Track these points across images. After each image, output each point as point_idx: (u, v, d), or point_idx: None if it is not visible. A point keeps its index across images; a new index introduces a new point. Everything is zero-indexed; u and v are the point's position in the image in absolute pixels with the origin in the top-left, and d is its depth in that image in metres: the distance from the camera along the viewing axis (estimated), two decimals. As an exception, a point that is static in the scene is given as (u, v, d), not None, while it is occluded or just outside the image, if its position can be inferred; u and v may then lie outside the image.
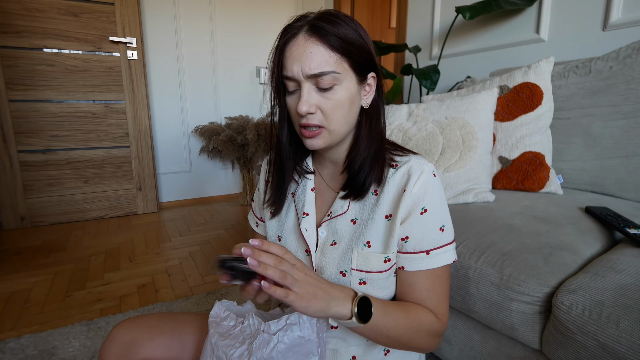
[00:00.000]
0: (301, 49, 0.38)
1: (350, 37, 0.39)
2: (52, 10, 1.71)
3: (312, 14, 0.40)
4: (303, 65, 0.38)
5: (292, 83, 0.41)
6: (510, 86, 0.93)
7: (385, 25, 3.06)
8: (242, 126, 2.07)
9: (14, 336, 0.91)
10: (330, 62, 0.38)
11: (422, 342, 0.42)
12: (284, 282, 0.33)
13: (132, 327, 0.47)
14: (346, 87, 0.40)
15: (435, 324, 0.42)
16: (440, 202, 0.43)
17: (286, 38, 0.40)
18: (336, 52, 0.39)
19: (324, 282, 0.37)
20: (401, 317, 0.40)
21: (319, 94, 0.40)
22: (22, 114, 1.72)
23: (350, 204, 0.45)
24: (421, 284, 0.43)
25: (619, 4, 1.01)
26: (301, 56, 0.38)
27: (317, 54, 0.38)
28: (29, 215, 1.79)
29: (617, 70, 0.81)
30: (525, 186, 0.85)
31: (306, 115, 0.40)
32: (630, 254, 0.50)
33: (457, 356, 0.66)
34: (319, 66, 0.38)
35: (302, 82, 0.39)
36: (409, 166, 0.43)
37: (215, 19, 2.20)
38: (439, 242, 0.42)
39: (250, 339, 0.39)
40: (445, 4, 1.57)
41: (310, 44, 0.38)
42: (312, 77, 0.38)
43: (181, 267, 1.34)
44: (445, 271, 0.43)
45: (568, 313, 0.43)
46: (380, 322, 0.38)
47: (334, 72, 0.38)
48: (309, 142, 0.42)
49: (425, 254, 0.42)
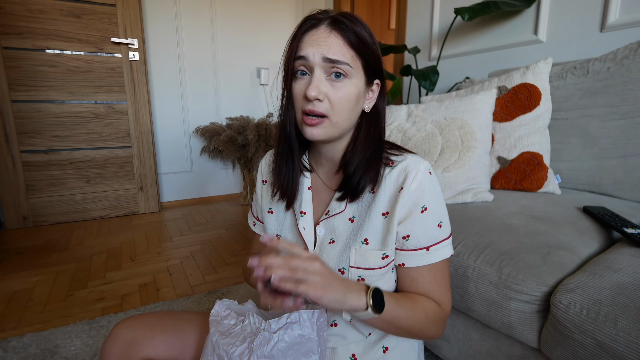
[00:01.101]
0: (322, 37, 0.40)
1: (366, 39, 0.41)
2: (54, 12, 1.72)
3: (332, 11, 0.42)
4: (322, 49, 0.39)
5: (303, 66, 0.41)
6: (508, 87, 0.93)
7: (384, 26, 3.06)
8: (243, 127, 2.08)
9: (16, 335, 0.91)
10: (347, 55, 0.40)
11: (430, 330, 0.43)
12: (295, 276, 0.34)
13: (134, 325, 0.48)
14: (355, 84, 0.41)
15: (440, 312, 0.44)
16: (438, 199, 0.44)
17: (307, 26, 0.41)
18: (353, 49, 0.40)
19: (336, 275, 0.38)
20: (410, 308, 0.41)
21: (329, 83, 0.40)
22: (24, 114, 1.73)
23: (347, 203, 0.46)
24: (423, 278, 0.44)
25: (616, 5, 1.01)
26: (321, 42, 0.39)
27: (337, 45, 0.39)
28: (31, 215, 1.80)
29: (615, 71, 0.81)
30: (524, 186, 0.85)
31: (313, 101, 0.40)
32: (627, 253, 0.51)
33: (456, 355, 0.66)
34: (336, 54, 0.39)
35: (315, 67, 0.40)
36: (405, 164, 0.44)
37: (216, 20, 2.21)
38: (437, 238, 0.44)
39: (251, 338, 0.39)
40: (444, 5, 1.58)
41: (332, 36, 0.39)
42: (328, 61, 0.39)
43: (182, 267, 1.35)
44: (445, 263, 0.45)
45: (566, 312, 0.43)
46: (392, 313, 0.39)
47: (348, 65, 0.40)
48: (309, 131, 0.41)
49: (426, 250, 0.43)
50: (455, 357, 0.67)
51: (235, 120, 2.20)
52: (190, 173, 2.28)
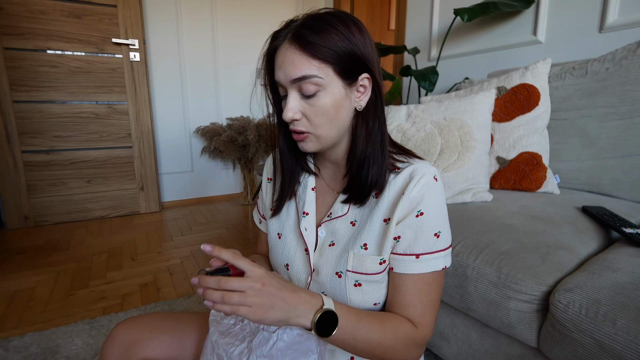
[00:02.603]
0: (282, 56, 0.39)
1: (334, 44, 0.38)
2: (55, 13, 1.72)
3: (299, 18, 0.40)
4: (287, 72, 0.39)
5: (281, 88, 0.42)
6: (507, 87, 0.93)
7: (384, 27, 3.07)
8: (243, 127, 2.08)
9: (17, 334, 0.92)
10: (312, 67, 0.38)
11: (398, 353, 0.40)
12: (230, 302, 0.32)
13: (133, 326, 0.48)
14: (330, 92, 0.40)
15: (413, 335, 0.40)
16: (439, 206, 0.42)
17: (274, 44, 0.41)
18: (317, 60, 0.38)
19: (287, 290, 0.36)
20: (374, 330, 0.39)
21: (304, 101, 0.40)
22: (26, 114, 1.74)
23: (350, 207, 0.45)
24: (407, 288, 0.41)
25: (615, 6, 1.01)
26: (283, 63, 0.39)
27: (298, 62, 0.38)
28: (33, 214, 1.81)
29: (613, 71, 0.81)
30: (523, 186, 0.85)
31: (292, 121, 0.41)
32: (626, 253, 0.51)
33: (456, 354, 0.67)
34: (300, 70, 0.38)
35: (288, 89, 0.40)
36: (412, 169, 0.43)
37: (217, 20, 2.21)
38: (431, 248, 0.41)
39: (250, 337, 0.39)
40: (443, 6, 1.58)
41: (290, 52, 0.38)
42: (295, 81, 0.39)
43: (183, 266, 1.35)
44: (435, 280, 0.42)
45: (565, 311, 0.44)
46: (348, 335, 0.37)
47: (316, 77, 0.38)
48: (300, 145, 0.43)
49: (415, 258, 0.41)
50: (455, 357, 0.67)
51: (235, 120, 2.20)
52: (191, 173, 2.28)
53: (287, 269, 0.49)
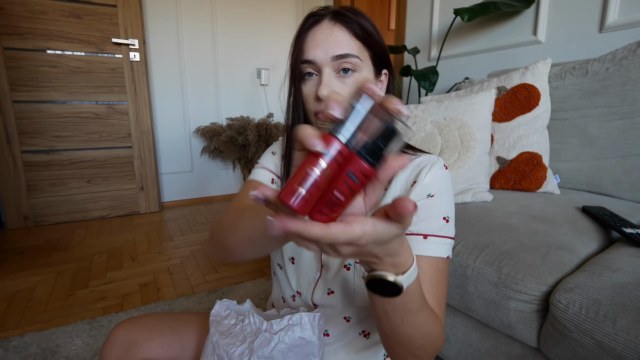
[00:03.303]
0: (326, 32, 0.39)
1: (370, 30, 0.41)
2: (55, 13, 1.72)
3: (332, 7, 0.42)
4: (328, 49, 0.39)
5: (310, 68, 0.40)
6: (507, 87, 0.93)
7: (384, 27, 3.07)
8: (243, 127, 2.08)
9: (17, 334, 0.92)
10: (355, 47, 0.39)
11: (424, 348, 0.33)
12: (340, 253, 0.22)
13: (132, 327, 0.48)
14: (364, 76, 0.41)
15: (439, 331, 0.34)
16: (448, 192, 0.42)
17: (309, 24, 0.41)
18: (359, 40, 0.40)
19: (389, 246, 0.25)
20: (428, 311, 0.32)
21: (339, 80, 0.40)
22: (25, 114, 1.74)
23: None
24: (423, 272, 0.38)
25: (615, 6, 1.01)
26: (326, 40, 0.39)
27: (343, 38, 0.39)
28: (33, 214, 1.81)
29: (614, 71, 0.81)
30: (523, 186, 0.85)
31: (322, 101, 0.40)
32: (626, 253, 0.51)
33: (456, 354, 0.67)
34: (345, 48, 0.39)
35: (323, 67, 0.39)
36: (419, 161, 0.43)
37: (217, 20, 2.21)
38: (439, 231, 0.40)
39: (251, 338, 0.39)
40: (443, 6, 1.58)
41: (336, 28, 0.39)
42: (337, 58, 0.39)
43: (183, 266, 1.35)
44: (445, 267, 0.41)
45: (565, 311, 0.44)
46: (409, 305, 0.29)
47: (357, 57, 0.39)
48: None
49: (423, 237, 0.39)
50: (455, 357, 0.67)
51: (235, 120, 2.20)
52: (191, 173, 2.28)
53: (293, 263, 0.48)
